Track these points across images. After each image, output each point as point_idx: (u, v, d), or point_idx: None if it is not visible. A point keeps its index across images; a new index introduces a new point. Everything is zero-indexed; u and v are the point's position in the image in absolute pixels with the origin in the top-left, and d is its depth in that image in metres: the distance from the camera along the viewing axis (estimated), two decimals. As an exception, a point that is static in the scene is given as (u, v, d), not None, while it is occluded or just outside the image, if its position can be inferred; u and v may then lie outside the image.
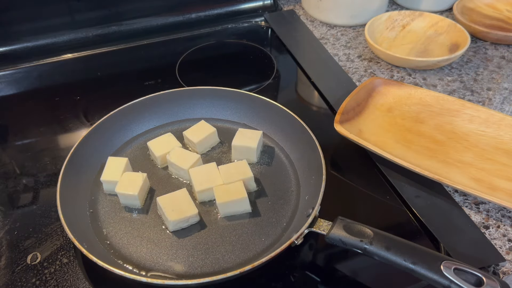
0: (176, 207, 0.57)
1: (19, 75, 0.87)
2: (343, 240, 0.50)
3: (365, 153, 0.67)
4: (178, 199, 0.58)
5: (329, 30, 0.97)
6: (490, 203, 0.62)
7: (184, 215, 0.56)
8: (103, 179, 0.61)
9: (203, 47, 0.93)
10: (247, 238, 0.57)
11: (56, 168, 0.67)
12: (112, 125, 0.68)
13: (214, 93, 0.72)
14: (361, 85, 0.75)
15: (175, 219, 0.56)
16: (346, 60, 0.88)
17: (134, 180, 0.60)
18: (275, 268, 0.54)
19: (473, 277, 0.45)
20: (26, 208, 0.62)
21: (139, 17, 0.95)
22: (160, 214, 0.59)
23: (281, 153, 0.67)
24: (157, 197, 0.58)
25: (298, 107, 0.78)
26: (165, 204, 0.57)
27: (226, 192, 0.58)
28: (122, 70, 0.90)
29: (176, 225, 0.57)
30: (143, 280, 0.48)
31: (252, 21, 1.01)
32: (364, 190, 0.64)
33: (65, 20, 0.90)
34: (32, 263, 0.55)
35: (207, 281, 0.48)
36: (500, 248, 0.56)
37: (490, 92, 0.80)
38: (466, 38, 0.84)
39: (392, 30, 0.93)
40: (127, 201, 0.60)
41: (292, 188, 0.62)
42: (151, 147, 0.65)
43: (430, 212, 0.60)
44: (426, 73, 0.84)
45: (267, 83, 0.83)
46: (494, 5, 0.99)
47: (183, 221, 0.57)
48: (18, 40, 0.88)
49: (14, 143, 0.73)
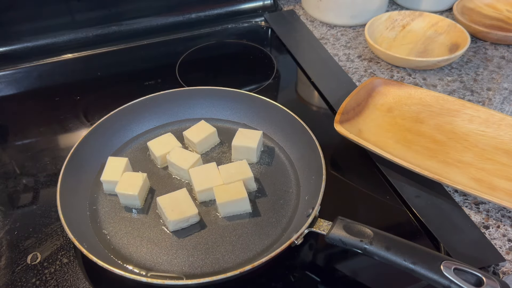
0: (176, 207, 0.57)
1: (19, 75, 0.87)
2: (343, 240, 0.50)
3: (365, 153, 0.67)
4: (178, 199, 0.58)
5: (329, 30, 0.97)
6: (490, 203, 0.62)
7: (184, 215, 0.56)
8: (103, 179, 0.61)
9: (203, 47, 0.93)
10: (247, 238, 0.57)
11: (56, 168, 0.67)
12: (112, 125, 0.68)
13: (214, 93, 0.72)
14: (361, 85, 0.75)
15: (175, 219, 0.56)
16: (346, 60, 0.88)
17: (134, 180, 0.60)
18: (275, 268, 0.54)
19: (473, 277, 0.45)
20: (26, 208, 0.62)
21: (139, 17, 0.95)
22: (160, 214, 0.59)
23: (281, 153, 0.67)
24: (157, 197, 0.58)
25: (298, 107, 0.78)
26: (165, 204, 0.57)
27: (226, 192, 0.58)
28: (122, 70, 0.90)
29: (176, 225, 0.57)
30: (143, 280, 0.48)
31: (252, 21, 1.01)
32: (364, 190, 0.64)
33: (65, 20, 0.90)
34: (32, 263, 0.55)
35: (207, 281, 0.48)
36: (500, 248, 0.56)
37: (490, 92, 0.80)
38: (466, 38, 0.84)
39: (392, 30, 0.93)
40: (127, 201, 0.60)
41: (292, 188, 0.62)
42: (151, 147, 0.65)
43: (430, 212, 0.60)
44: (426, 73, 0.84)
45: (267, 83, 0.83)
46: (494, 5, 0.99)
47: (183, 221, 0.57)
48: (18, 40, 0.88)
49: (14, 143, 0.73)
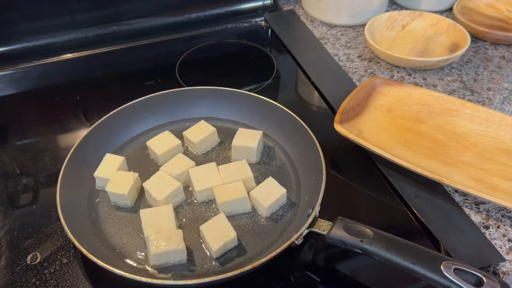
0: (158, 230, 0.54)
1: (19, 75, 0.87)
2: (343, 240, 0.50)
3: (365, 153, 0.67)
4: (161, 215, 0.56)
5: (329, 30, 0.97)
6: (490, 203, 0.62)
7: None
8: (96, 175, 0.61)
9: (203, 47, 0.93)
10: (247, 238, 0.57)
11: (56, 168, 0.67)
12: (112, 125, 0.68)
13: (214, 93, 0.72)
14: (361, 85, 0.75)
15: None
16: (346, 60, 0.88)
17: (125, 179, 0.60)
18: (275, 268, 0.54)
19: (473, 277, 0.45)
20: (26, 208, 0.62)
21: (139, 17, 0.95)
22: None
23: (281, 153, 0.67)
24: (140, 210, 0.57)
25: (298, 107, 0.78)
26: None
27: (226, 192, 0.58)
28: (122, 70, 0.90)
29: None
30: (143, 280, 0.48)
31: (252, 21, 1.01)
32: (364, 190, 0.64)
33: (65, 20, 0.90)
34: (32, 263, 0.55)
35: (207, 281, 0.48)
36: (500, 248, 0.56)
37: (490, 92, 0.80)
38: (466, 38, 0.84)
39: (392, 30, 0.93)
40: (117, 199, 0.60)
41: (292, 188, 0.62)
42: (151, 146, 0.65)
43: (430, 212, 0.60)
44: (426, 73, 0.84)
45: (267, 83, 0.83)
46: (494, 5, 0.99)
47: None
48: (18, 40, 0.88)
49: (14, 143, 0.73)
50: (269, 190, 0.59)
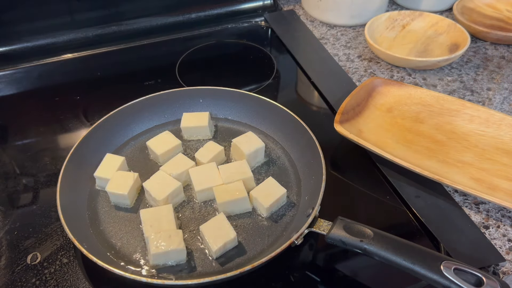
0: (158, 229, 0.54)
1: (19, 75, 0.87)
2: (343, 240, 0.50)
3: (365, 153, 0.67)
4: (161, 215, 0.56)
5: (329, 30, 0.97)
6: (490, 203, 0.62)
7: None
8: (96, 174, 0.61)
9: (203, 47, 0.93)
10: (247, 238, 0.57)
11: (56, 168, 0.67)
12: (112, 125, 0.68)
13: (214, 93, 0.72)
14: (361, 85, 0.75)
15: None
16: (346, 60, 0.88)
17: (125, 179, 0.60)
18: (275, 268, 0.54)
19: (473, 277, 0.45)
20: (26, 208, 0.62)
21: (139, 17, 0.95)
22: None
23: (281, 153, 0.67)
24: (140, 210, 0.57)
25: (298, 107, 0.78)
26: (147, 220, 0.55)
27: (226, 192, 0.58)
28: (122, 70, 0.90)
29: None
30: (143, 280, 0.48)
31: (252, 21, 1.01)
32: (364, 190, 0.64)
33: (65, 20, 0.90)
34: (32, 263, 0.55)
35: (207, 281, 0.48)
36: (500, 248, 0.56)
37: (490, 92, 0.80)
38: (466, 38, 0.84)
39: (392, 30, 0.93)
40: (117, 199, 0.60)
41: (292, 188, 0.62)
42: (151, 146, 0.65)
43: (430, 212, 0.60)
44: (426, 73, 0.84)
45: (267, 83, 0.83)
46: (494, 5, 0.99)
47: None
48: (18, 40, 0.88)
49: (14, 143, 0.73)
50: (269, 190, 0.59)
